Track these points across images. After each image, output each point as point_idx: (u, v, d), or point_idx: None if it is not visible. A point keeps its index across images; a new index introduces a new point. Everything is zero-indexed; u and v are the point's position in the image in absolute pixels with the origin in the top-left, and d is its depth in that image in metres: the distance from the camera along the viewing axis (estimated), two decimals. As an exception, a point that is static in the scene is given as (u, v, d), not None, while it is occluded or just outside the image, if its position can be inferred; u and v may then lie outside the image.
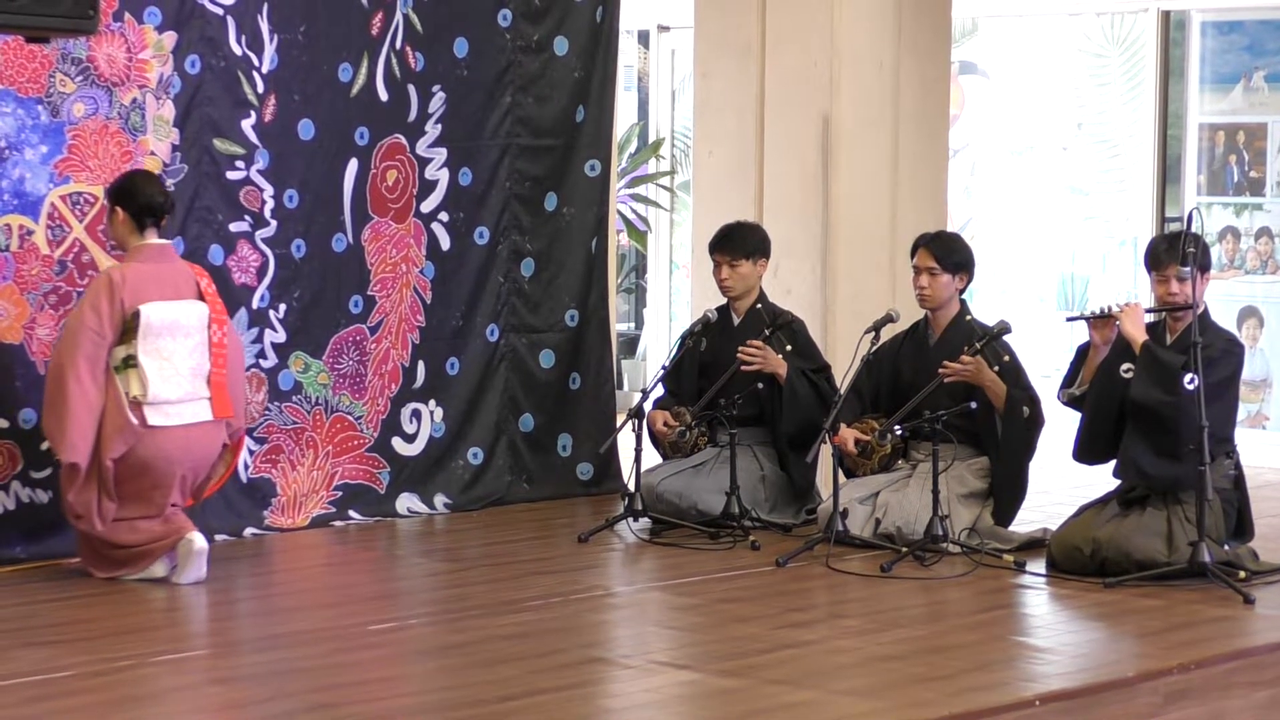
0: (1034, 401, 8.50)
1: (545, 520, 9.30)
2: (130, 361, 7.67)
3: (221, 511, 8.57)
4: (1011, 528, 8.59)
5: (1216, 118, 11.84)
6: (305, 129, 8.89)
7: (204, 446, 7.86)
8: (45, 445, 8.08)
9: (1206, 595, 7.60)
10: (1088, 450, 8.25)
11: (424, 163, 9.37)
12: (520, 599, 7.52)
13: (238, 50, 8.60)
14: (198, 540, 7.70)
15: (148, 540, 7.72)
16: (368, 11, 9.06)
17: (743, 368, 8.91)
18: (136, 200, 7.79)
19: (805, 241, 9.93)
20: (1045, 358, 11.72)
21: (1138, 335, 8.01)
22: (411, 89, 9.27)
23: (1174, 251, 7.92)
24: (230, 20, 8.56)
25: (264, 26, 8.69)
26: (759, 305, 9.15)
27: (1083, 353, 8.36)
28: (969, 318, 8.76)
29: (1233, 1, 11.71)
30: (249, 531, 8.71)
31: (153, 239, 7.83)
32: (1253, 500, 8.20)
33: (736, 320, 9.18)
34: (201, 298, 7.88)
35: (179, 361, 7.75)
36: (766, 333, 8.95)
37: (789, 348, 8.98)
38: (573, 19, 9.86)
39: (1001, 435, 8.49)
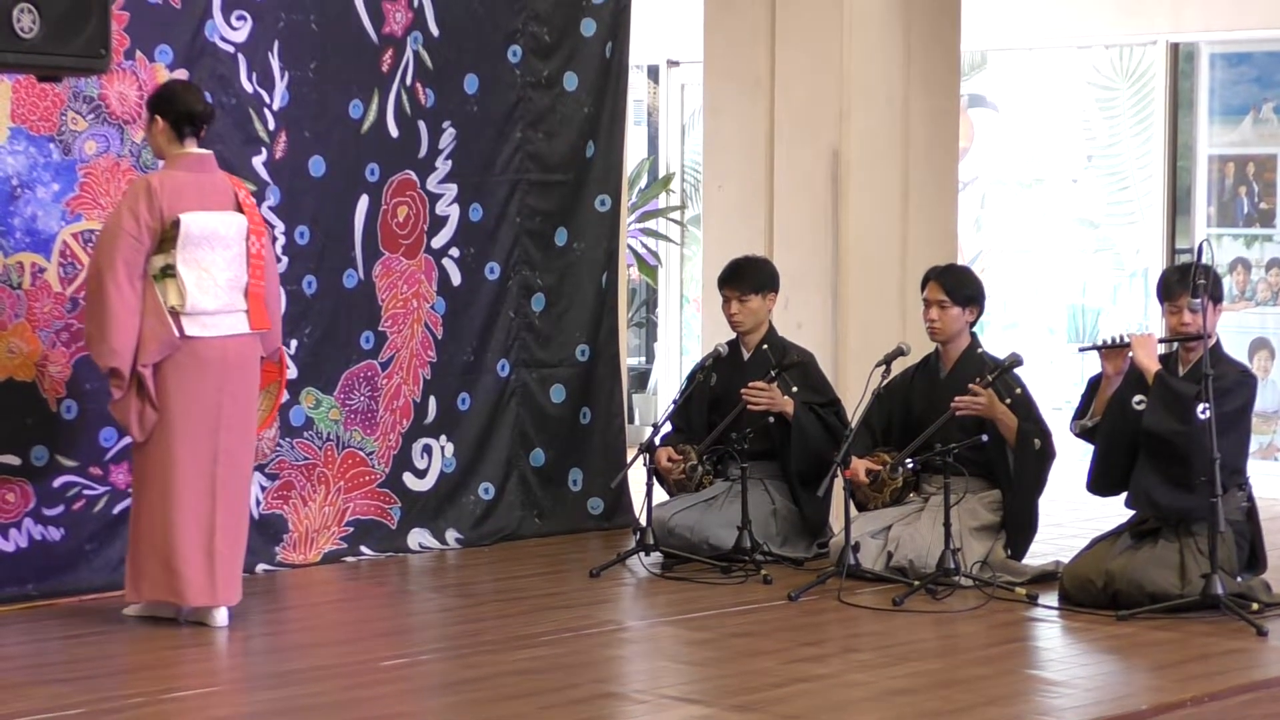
0: (1045, 434, 8.49)
1: (556, 555, 9.30)
2: (169, 271, 7.56)
3: (233, 548, 8.57)
4: (1024, 561, 8.58)
5: (1226, 149, 11.84)
6: (316, 165, 8.92)
7: (241, 358, 7.75)
8: (57, 482, 8.10)
9: (1220, 627, 7.58)
10: (1102, 482, 8.24)
11: (434, 198, 9.39)
12: (532, 634, 7.52)
13: (249, 88, 8.62)
14: (219, 618, 7.65)
15: (194, 584, 7.63)
16: (378, 48, 9.09)
17: (749, 408, 8.91)
18: (176, 108, 7.65)
19: (816, 275, 9.94)
20: (1056, 390, 11.71)
21: (1150, 365, 8.01)
22: (422, 125, 9.29)
23: (1186, 282, 7.93)
24: (241, 58, 8.59)
25: (275, 64, 8.71)
26: (765, 345, 9.14)
27: (1094, 385, 8.36)
28: (980, 350, 8.76)
29: (1241, 34, 11.73)
30: (261, 568, 8.71)
31: (192, 148, 7.70)
32: (1265, 532, 8.19)
33: (746, 355, 9.18)
34: (240, 209, 7.77)
35: (217, 273, 7.64)
36: (772, 374, 8.94)
37: (795, 389, 8.97)
38: (582, 55, 9.89)
39: (1013, 468, 8.48)
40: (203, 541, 7.60)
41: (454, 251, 9.48)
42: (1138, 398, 8.03)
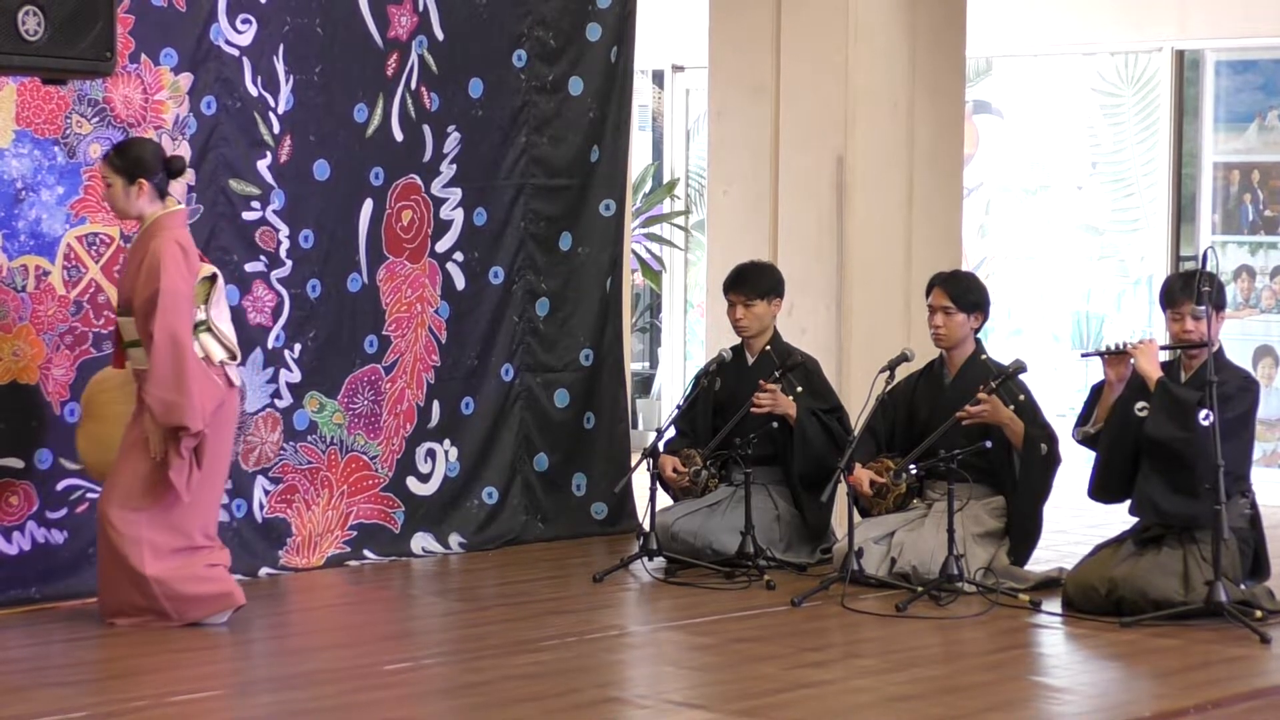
0: (1051, 439, 8.49)
1: (560, 560, 9.29)
2: (203, 326, 7.64)
3: (236, 551, 8.55)
4: (1027, 567, 8.57)
5: (1231, 157, 11.84)
6: (321, 169, 8.92)
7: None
8: (60, 486, 8.09)
9: (1223, 635, 7.58)
10: (1103, 488, 8.23)
11: (439, 203, 9.39)
12: (535, 639, 7.52)
13: (253, 91, 8.62)
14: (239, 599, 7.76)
15: (209, 594, 7.70)
16: (383, 52, 9.09)
17: (752, 410, 8.90)
18: (157, 169, 7.68)
19: (820, 281, 9.94)
20: (1060, 397, 11.71)
21: (1153, 372, 8.01)
22: (426, 129, 9.29)
23: (1189, 289, 7.92)
24: (246, 61, 8.59)
25: (279, 67, 8.72)
26: (768, 347, 9.15)
27: (1097, 391, 8.36)
28: (984, 356, 8.75)
29: (1247, 41, 11.73)
30: (264, 571, 8.71)
31: (173, 205, 7.77)
32: (1269, 539, 8.17)
33: (750, 360, 9.18)
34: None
35: (228, 321, 7.80)
36: (776, 375, 8.95)
37: (800, 389, 8.97)
38: (587, 59, 9.89)
39: (1019, 473, 8.48)
40: (217, 583, 7.79)
41: (458, 256, 9.48)
42: (1140, 404, 8.03)
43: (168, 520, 7.62)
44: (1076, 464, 8.83)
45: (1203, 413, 7.69)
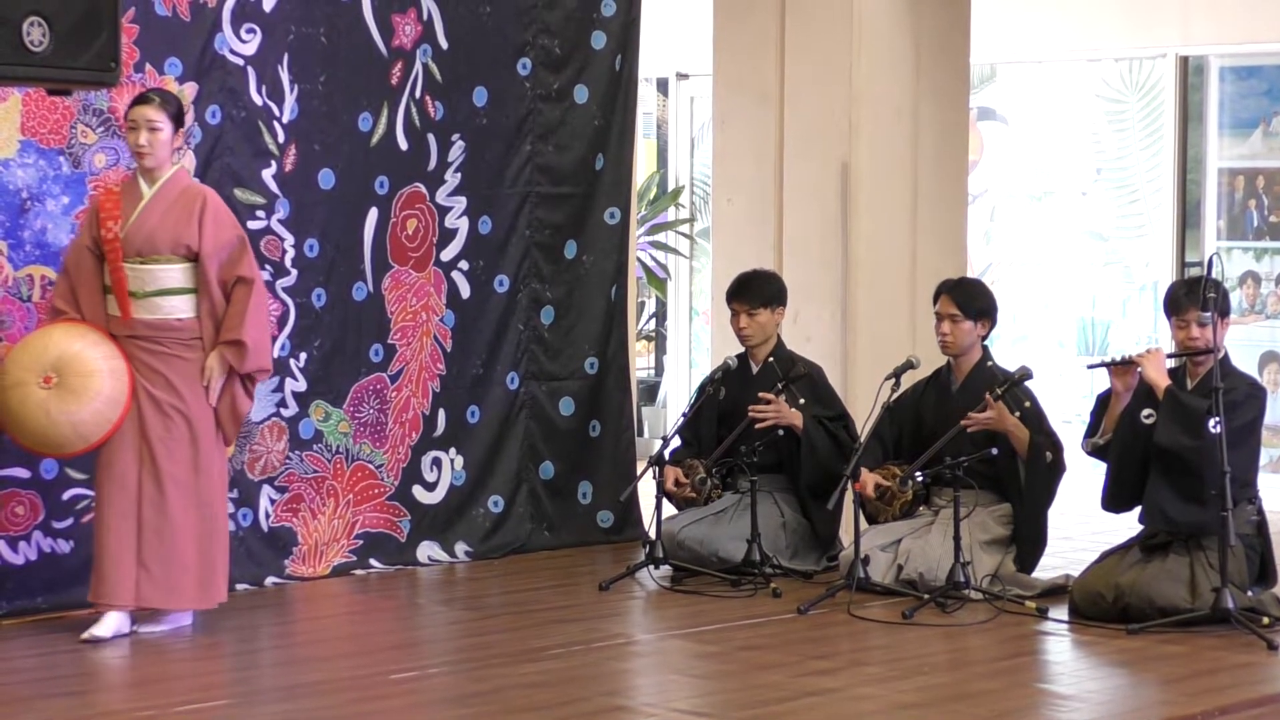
0: (1057, 447, 8.49)
1: (566, 568, 9.29)
2: None
3: (243, 561, 8.57)
4: (1034, 574, 8.57)
5: (1236, 162, 11.84)
6: (325, 178, 8.92)
7: None
8: (66, 495, 8.09)
9: (1230, 641, 7.57)
10: (1116, 499, 8.22)
11: (444, 211, 9.39)
12: (541, 647, 7.51)
13: (258, 100, 8.63)
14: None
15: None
16: (387, 61, 9.10)
17: (755, 426, 8.89)
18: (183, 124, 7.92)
19: (825, 288, 9.94)
20: (1066, 403, 11.70)
21: (1160, 380, 8.00)
22: (431, 138, 9.30)
23: (1194, 296, 7.92)
24: (251, 70, 8.59)
25: (284, 77, 8.72)
26: (773, 358, 9.14)
27: (1104, 401, 8.35)
28: (991, 363, 8.75)
29: (1251, 46, 11.73)
30: (270, 581, 8.71)
31: (177, 161, 7.97)
32: (1276, 546, 8.17)
33: (755, 368, 9.18)
34: None
35: None
36: (779, 386, 8.94)
37: (802, 400, 8.96)
38: (592, 67, 9.89)
39: (1024, 481, 8.47)
40: None
41: (463, 264, 9.48)
42: (1146, 411, 8.02)
43: (222, 478, 7.84)
44: (1082, 472, 8.83)
45: (1212, 420, 7.68)
